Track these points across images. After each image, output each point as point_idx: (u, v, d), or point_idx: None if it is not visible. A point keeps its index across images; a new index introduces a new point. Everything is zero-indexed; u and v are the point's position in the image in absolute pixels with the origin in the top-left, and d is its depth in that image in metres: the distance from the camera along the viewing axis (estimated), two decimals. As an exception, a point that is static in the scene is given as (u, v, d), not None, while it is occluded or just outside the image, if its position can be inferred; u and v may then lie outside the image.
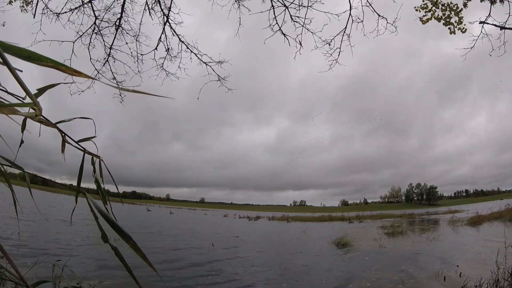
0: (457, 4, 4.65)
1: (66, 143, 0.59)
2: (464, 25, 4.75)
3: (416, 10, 4.83)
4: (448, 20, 4.76)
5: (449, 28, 4.79)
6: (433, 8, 4.76)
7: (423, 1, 4.73)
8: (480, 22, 4.57)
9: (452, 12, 4.72)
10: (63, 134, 0.59)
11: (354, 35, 4.63)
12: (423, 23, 4.84)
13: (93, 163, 0.63)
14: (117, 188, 0.70)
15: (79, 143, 0.61)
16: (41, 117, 0.57)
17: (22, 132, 0.63)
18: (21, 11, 4.57)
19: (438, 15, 4.79)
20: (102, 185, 0.64)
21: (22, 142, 0.67)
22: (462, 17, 4.72)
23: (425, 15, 4.78)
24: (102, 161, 0.63)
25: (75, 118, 0.65)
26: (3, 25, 4.49)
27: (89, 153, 0.61)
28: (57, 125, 0.59)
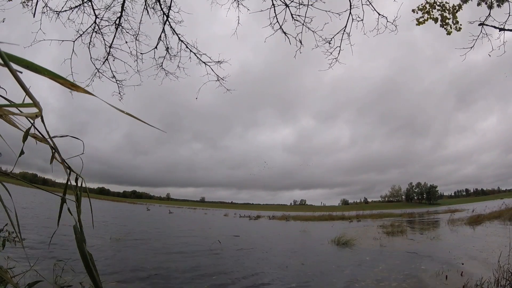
0: (454, 4, 4.63)
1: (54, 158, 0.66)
2: (461, 25, 4.73)
3: (414, 12, 4.80)
4: (445, 21, 4.74)
5: (445, 29, 4.77)
6: (430, 9, 4.74)
7: (426, 2, 4.70)
8: (479, 24, 4.55)
9: (450, 14, 4.70)
10: (53, 151, 0.64)
11: (358, 34, 4.62)
12: (419, 24, 4.82)
13: (76, 180, 0.71)
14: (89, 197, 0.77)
15: (66, 160, 0.71)
16: (35, 133, 0.61)
17: (23, 142, 0.61)
18: (23, 6, 4.56)
19: (434, 16, 4.77)
20: (80, 200, 0.73)
21: (22, 152, 0.64)
22: (458, 19, 4.70)
23: (422, 16, 4.77)
24: (83, 180, 0.72)
25: (67, 136, 0.73)
26: (3, 21, 4.47)
27: (74, 172, 0.70)
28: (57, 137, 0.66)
